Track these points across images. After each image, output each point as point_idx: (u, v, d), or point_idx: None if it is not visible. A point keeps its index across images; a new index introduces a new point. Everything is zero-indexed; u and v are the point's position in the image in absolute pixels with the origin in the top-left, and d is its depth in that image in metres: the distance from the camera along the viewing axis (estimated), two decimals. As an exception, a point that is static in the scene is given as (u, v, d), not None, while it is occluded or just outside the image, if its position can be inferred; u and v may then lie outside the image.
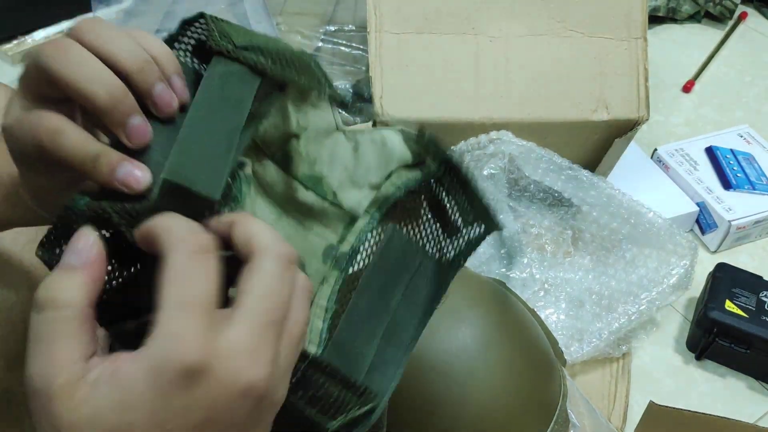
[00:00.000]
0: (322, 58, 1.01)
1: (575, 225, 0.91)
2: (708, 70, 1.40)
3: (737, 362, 0.89)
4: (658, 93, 1.33)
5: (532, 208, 0.91)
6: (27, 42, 1.24)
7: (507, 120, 0.87)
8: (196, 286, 0.27)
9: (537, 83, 0.88)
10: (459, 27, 0.88)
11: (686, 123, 1.28)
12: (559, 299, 0.88)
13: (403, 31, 0.88)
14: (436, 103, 0.87)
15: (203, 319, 0.27)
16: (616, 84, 0.89)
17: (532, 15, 0.89)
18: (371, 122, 0.86)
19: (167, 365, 0.26)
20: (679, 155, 1.11)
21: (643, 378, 0.88)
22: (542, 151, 0.85)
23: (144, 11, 1.07)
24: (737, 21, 1.53)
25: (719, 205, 1.03)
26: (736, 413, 0.84)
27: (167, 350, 0.26)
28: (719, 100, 1.33)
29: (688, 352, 0.92)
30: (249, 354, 0.27)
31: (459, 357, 0.57)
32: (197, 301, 0.27)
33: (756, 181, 1.07)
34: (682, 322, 0.95)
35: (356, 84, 0.96)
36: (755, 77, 1.39)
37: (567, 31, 0.89)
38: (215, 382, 0.26)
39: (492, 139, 0.84)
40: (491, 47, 0.88)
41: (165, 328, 0.26)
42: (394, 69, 0.87)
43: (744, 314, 0.86)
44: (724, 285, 0.89)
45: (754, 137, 1.15)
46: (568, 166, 0.85)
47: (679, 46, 1.47)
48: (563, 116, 0.88)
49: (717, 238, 1.03)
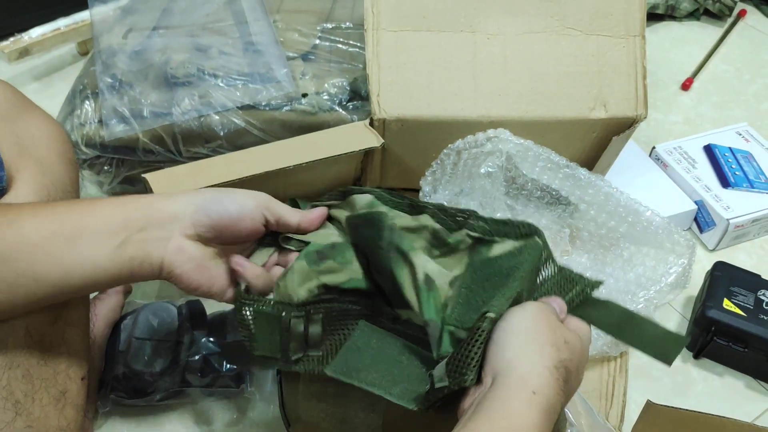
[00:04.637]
0: (319, 56, 1.01)
1: (573, 223, 0.91)
2: (707, 68, 1.40)
3: (735, 361, 0.89)
4: (657, 91, 1.33)
5: (529, 206, 0.91)
6: (23, 39, 1.24)
7: (504, 118, 0.87)
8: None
9: (535, 81, 0.88)
10: (456, 25, 0.88)
11: (685, 121, 1.28)
12: (557, 298, 0.88)
13: (401, 28, 0.87)
14: (434, 101, 0.86)
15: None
16: (614, 82, 0.89)
17: (530, 12, 0.89)
18: (368, 120, 0.86)
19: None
20: (678, 153, 1.11)
21: (640, 377, 0.88)
22: (540, 149, 0.84)
23: (141, 9, 1.07)
24: (736, 18, 1.53)
25: (717, 204, 1.02)
26: (733, 412, 0.84)
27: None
28: (718, 98, 1.33)
29: (686, 351, 0.91)
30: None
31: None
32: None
33: (754, 180, 1.06)
34: (680, 320, 0.95)
35: (353, 81, 0.96)
36: (754, 75, 1.39)
37: (565, 28, 0.89)
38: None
39: (489, 137, 0.84)
40: (489, 45, 0.88)
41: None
42: (391, 67, 0.87)
43: (742, 313, 0.86)
44: (722, 283, 0.89)
45: (752, 135, 1.15)
46: (566, 164, 0.85)
47: (677, 43, 1.47)
48: (561, 114, 0.88)
49: (715, 237, 1.03)
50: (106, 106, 0.95)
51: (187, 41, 1.00)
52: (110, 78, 0.97)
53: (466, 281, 0.56)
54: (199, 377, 0.79)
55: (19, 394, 0.53)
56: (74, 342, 0.60)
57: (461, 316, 0.53)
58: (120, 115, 0.94)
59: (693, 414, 0.71)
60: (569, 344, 0.50)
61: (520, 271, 0.54)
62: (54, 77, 1.32)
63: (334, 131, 0.87)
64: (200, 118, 0.94)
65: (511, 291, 0.52)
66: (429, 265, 0.56)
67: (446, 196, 0.85)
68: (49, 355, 0.56)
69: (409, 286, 0.54)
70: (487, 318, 0.49)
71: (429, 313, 0.53)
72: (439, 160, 0.85)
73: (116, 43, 1.01)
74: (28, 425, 0.53)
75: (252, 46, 0.99)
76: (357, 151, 0.83)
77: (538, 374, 0.46)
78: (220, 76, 0.96)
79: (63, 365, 0.57)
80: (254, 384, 0.81)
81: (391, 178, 0.94)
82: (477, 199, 0.88)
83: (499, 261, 0.56)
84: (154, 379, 0.77)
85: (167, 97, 0.95)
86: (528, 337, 0.48)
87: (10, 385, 0.52)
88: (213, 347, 0.79)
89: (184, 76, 0.96)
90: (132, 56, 0.99)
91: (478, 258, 0.57)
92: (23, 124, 0.62)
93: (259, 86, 0.95)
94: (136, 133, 0.94)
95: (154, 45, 0.99)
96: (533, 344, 0.48)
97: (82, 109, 0.97)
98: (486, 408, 0.46)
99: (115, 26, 1.05)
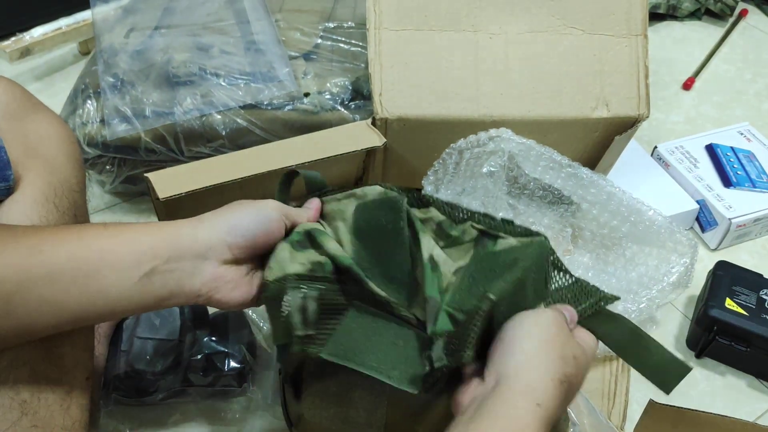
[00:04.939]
0: (321, 55, 1.01)
1: (575, 223, 0.91)
2: (708, 68, 1.40)
3: (737, 360, 0.89)
4: (659, 90, 1.33)
5: (531, 205, 0.91)
6: (25, 39, 1.24)
7: (506, 117, 0.87)
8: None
9: (537, 80, 0.88)
10: (458, 24, 0.88)
11: (686, 120, 1.28)
12: (559, 297, 0.88)
13: (403, 28, 0.87)
14: (436, 101, 0.86)
15: None
16: (616, 81, 0.88)
17: (532, 12, 0.89)
18: (370, 119, 0.86)
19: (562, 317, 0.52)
20: (680, 153, 1.11)
21: (642, 376, 0.87)
22: (542, 148, 0.84)
23: (142, 8, 1.07)
24: (738, 18, 1.53)
25: (719, 203, 1.02)
26: (735, 411, 0.84)
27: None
28: (719, 98, 1.33)
29: (688, 351, 0.91)
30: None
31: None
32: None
33: (756, 179, 1.06)
34: (682, 320, 0.95)
35: (355, 81, 0.96)
36: (756, 74, 1.39)
37: (567, 28, 0.89)
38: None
39: (492, 137, 0.84)
40: (491, 44, 0.88)
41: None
42: (393, 66, 0.86)
43: (744, 312, 0.86)
44: (724, 283, 0.89)
45: (754, 135, 1.15)
46: (568, 163, 0.85)
47: (679, 43, 1.46)
48: (563, 114, 0.88)
49: (717, 236, 1.03)
50: (108, 105, 0.95)
51: (188, 40, 1.00)
52: (112, 77, 0.97)
53: (470, 270, 0.56)
54: (201, 377, 0.79)
55: (25, 393, 0.53)
56: (79, 342, 0.60)
57: (461, 300, 0.53)
58: (122, 114, 0.94)
59: (695, 413, 0.71)
60: (576, 360, 0.50)
61: (524, 262, 0.54)
62: (55, 77, 1.32)
63: (336, 131, 0.87)
64: (202, 118, 0.94)
65: (512, 276, 0.52)
66: (436, 250, 0.57)
67: (448, 195, 0.85)
68: (54, 354, 0.56)
69: (419, 263, 0.55)
70: (487, 299, 0.50)
71: (431, 290, 0.53)
72: (441, 160, 0.85)
73: (118, 43, 1.01)
74: (33, 425, 0.53)
75: (254, 45, 0.99)
76: (359, 150, 0.83)
77: (544, 386, 0.47)
78: (222, 75, 0.96)
79: (68, 365, 0.57)
80: (256, 384, 0.81)
81: (393, 177, 0.94)
82: (479, 199, 0.88)
83: (503, 254, 0.56)
84: (156, 378, 0.77)
85: (169, 97, 0.95)
86: (540, 345, 0.48)
87: (17, 384, 0.52)
88: (215, 346, 0.79)
89: (185, 76, 0.96)
90: (134, 56, 0.99)
91: (483, 251, 0.57)
92: (31, 123, 0.62)
93: (261, 85, 0.95)
94: (138, 133, 0.94)
95: (155, 44, 0.99)
96: (544, 354, 0.48)
97: (84, 109, 0.97)
98: (489, 410, 0.46)
99: (117, 26, 1.05)
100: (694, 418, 0.70)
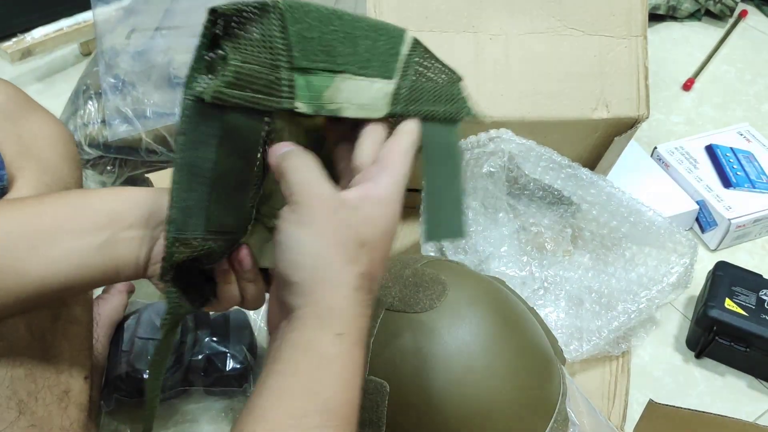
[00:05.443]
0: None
1: (575, 223, 0.91)
2: (708, 69, 1.40)
3: (737, 361, 0.89)
4: (659, 91, 1.33)
5: (531, 206, 0.91)
6: (26, 40, 1.24)
7: (507, 118, 0.87)
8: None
9: (537, 81, 0.88)
10: (459, 25, 0.88)
11: (686, 121, 1.28)
12: (559, 298, 0.88)
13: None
14: (436, 101, 0.86)
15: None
16: (616, 82, 0.89)
17: (532, 13, 0.89)
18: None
19: (401, 182, 0.46)
20: (679, 153, 1.11)
21: (642, 376, 0.88)
22: (542, 149, 0.85)
23: (143, 9, 1.07)
24: (737, 19, 1.53)
25: (719, 204, 1.02)
26: (735, 412, 0.84)
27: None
28: (719, 99, 1.33)
29: (688, 351, 0.92)
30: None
31: (458, 355, 0.57)
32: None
33: (756, 180, 1.06)
34: (682, 320, 0.95)
35: (356, 82, 0.96)
36: (755, 75, 1.39)
37: (567, 29, 0.89)
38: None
39: (492, 137, 0.84)
40: (491, 45, 0.88)
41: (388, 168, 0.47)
42: (393, 67, 0.87)
43: (744, 313, 0.86)
44: (723, 283, 0.89)
45: (754, 135, 1.15)
46: (568, 164, 0.85)
47: (679, 44, 1.47)
48: (563, 114, 0.88)
49: (717, 237, 1.03)
50: (109, 106, 0.95)
51: (189, 41, 1.00)
52: (113, 78, 0.97)
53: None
54: (202, 377, 0.79)
55: (22, 393, 0.53)
56: (76, 340, 0.60)
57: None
58: (123, 115, 0.94)
59: (695, 413, 0.71)
60: (366, 244, 0.43)
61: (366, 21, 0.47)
62: (56, 78, 1.32)
63: (337, 131, 0.87)
64: (203, 119, 0.94)
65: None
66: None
67: (448, 196, 0.85)
68: (51, 353, 0.56)
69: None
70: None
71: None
72: (442, 160, 0.85)
73: (119, 44, 1.01)
74: (31, 424, 0.53)
75: (254, 46, 0.99)
76: (359, 151, 0.83)
77: (339, 310, 0.41)
78: (223, 76, 0.96)
79: (66, 364, 0.57)
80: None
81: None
82: (479, 199, 0.88)
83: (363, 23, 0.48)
84: (157, 378, 0.77)
85: (170, 98, 0.95)
86: (317, 262, 0.42)
87: (14, 384, 0.52)
88: (216, 347, 0.79)
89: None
90: (135, 56, 0.99)
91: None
92: (26, 123, 0.62)
93: (261, 86, 0.95)
94: (139, 134, 0.94)
95: (156, 45, 1.00)
96: (330, 258, 0.42)
97: (85, 110, 0.97)
98: (290, 355, 0.42)
99: (118, 27, 1.05)
100: (693, 418, 0.71)
